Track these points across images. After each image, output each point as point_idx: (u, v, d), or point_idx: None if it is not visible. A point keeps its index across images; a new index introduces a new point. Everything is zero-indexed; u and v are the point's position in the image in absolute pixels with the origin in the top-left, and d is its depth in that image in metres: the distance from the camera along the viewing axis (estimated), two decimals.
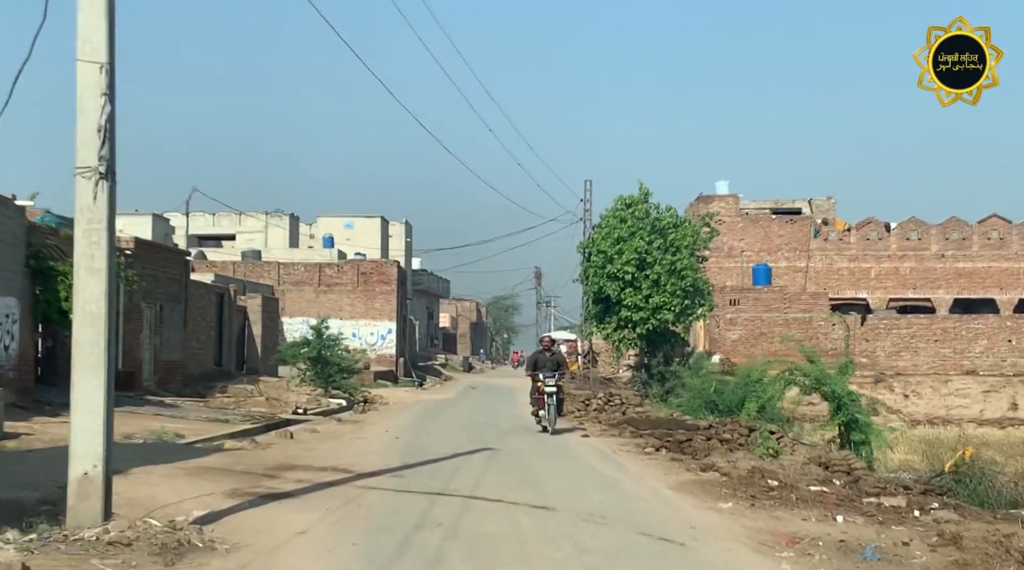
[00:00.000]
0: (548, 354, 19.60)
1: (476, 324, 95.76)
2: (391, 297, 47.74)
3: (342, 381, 30.86)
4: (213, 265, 47.50)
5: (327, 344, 30.35)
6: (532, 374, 19.55)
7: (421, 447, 16.02)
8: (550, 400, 18.79)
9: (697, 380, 26.43)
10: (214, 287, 32.24)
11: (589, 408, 23.20)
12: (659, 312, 32.50)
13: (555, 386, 18.91)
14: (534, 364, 19.78)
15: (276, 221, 65.30)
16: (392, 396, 34.59)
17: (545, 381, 18.74)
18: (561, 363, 20.11)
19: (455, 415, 24.86)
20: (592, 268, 33.72)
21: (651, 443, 16.13)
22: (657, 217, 33.72)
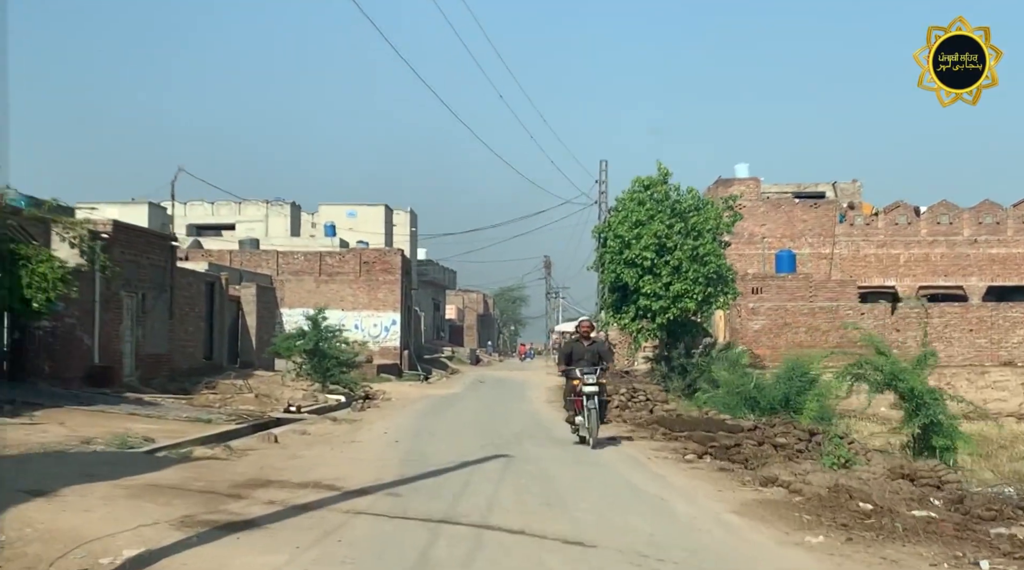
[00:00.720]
0: (586, 343, 15.39)
1: (483, 316, 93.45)
2: (395, 287, 45.46)
3: (341, 375, 28.58)
4: (209, 254, 45.26)
5: (324, 336, 28.07)
6: (565, 370, 15.43)
7: (423, 454, 13.73)
8: (590, 404, 14.65)
9: (732, 374, 24.05)
10: (204, 275, 29.98)
11: (611, 405, 20.84)
12: (680, 300, 30.14)
13: (596, 384, 14.71)
14: (568, 357, 15.47)
15: (277, 210, 63.14)
16: (395, 391, 32.32)
17: (584, 379, 14.71)
18: (604, 355, 15.61)
19: (462, 413, 22.53)
20: (608, 254, 31.37)
21: (691, 448, 13.78)
22: (677, 199, 31.35)
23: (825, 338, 37.06)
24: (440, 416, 21.23)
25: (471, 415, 21.66)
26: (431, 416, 21.21)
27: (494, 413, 22.18)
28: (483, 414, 21.98)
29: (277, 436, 15.71)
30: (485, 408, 24.11)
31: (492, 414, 21.88)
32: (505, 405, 25.02)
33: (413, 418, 20.74)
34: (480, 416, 21.29)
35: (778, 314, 37.29)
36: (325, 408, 24.54)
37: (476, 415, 21.67)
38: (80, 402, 19.87)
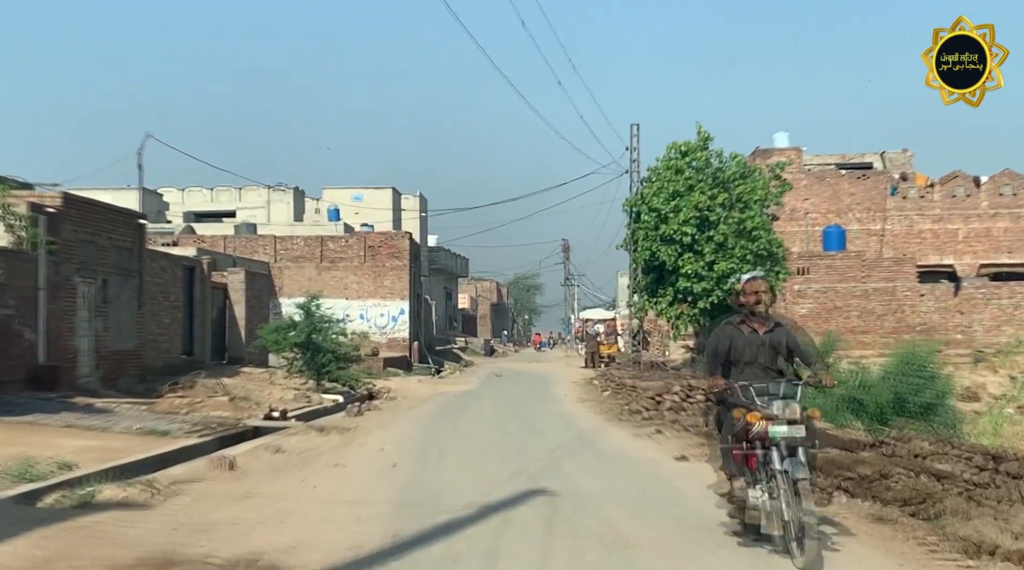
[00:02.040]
0: (760, 328, 7.20)
1: (497, 305, 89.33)
2: (403, 273, 41.39)
3: (338, 372, 24.56)
4: (201, 240, 41.27)
5: (319, 326, 24.02)
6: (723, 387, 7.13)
7: (429, 489, 9.63)
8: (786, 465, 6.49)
9: None
10: (180, 259, 25.93)
11: (661, 407, 16.76)
12: (725, 282, 26.01)
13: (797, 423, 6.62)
14: (723, 357, 7.29)
15: (279, 196, 59.23)
16: (403, 388, 28.27)
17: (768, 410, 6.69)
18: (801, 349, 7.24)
19: (480, 418, 18.40)
20: (642, 230, 27.28)
21: None
22: (720, 167, 27.25)
23: (880, 323, 32.93)
24: (452, 423, 17.12)
25: (491, 421, 17.52)
26: (441, 423, 17.10)
27: (519, 418, 18.06)
28: (506, 419, 17.84)
29: (235, 460, 11.63)
30: (507, 410, 19.96)
31: (517, 419, 17.74)
32: (531, 406, 20.89)
33: (419, 426, 16.65)
34: (502, 423, 17.16)
35: (827, 297, 33.11)
36: (316, 412, 20.51)
37: (497, 421, 17.54)
38: (11, 410, 15.92)
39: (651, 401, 16.89)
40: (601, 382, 26.90)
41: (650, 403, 16.88)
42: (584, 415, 18.12)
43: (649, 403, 16.89)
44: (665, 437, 14.15)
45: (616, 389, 23.07)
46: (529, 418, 17.79)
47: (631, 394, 19.80)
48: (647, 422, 16.17)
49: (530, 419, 17.56)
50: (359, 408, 19.39)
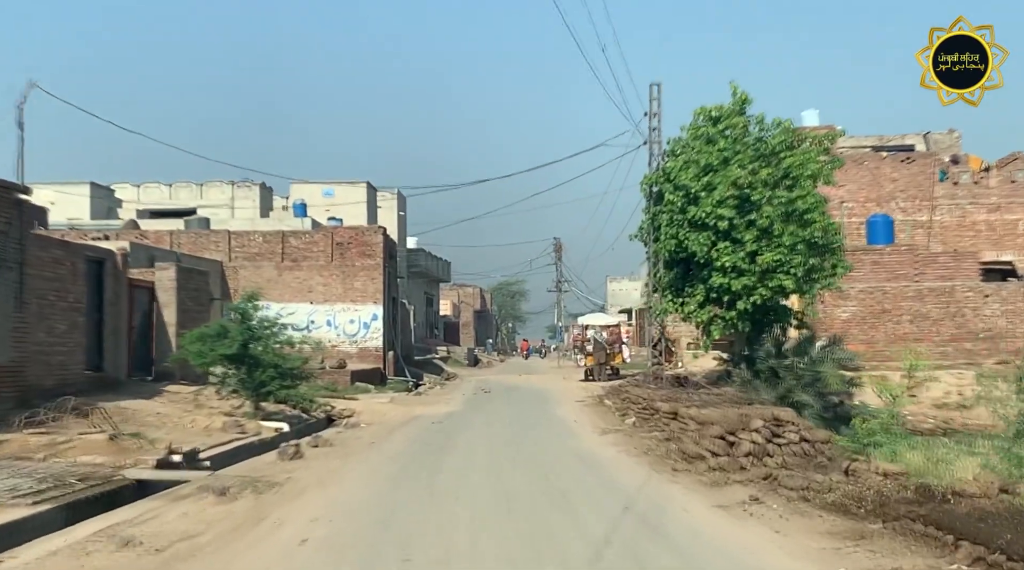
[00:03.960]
0: None
1: (480, 312, 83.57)
2: (376, 274, 35.72)
3: (283, 391, 18.90)
4: (143, 235, 35.49)
5: (257, 333, 18.35)
6: None
7: None
8: None
9: None
10: (82, 248, 20.16)
11: (735, 451, 11.14)
12: (771, 277, 20.50)
13: None
14: None
15: (244, 192, 53.52)
16: (370, 409, 22.60)
17: None
18: None
19: (468, 462, 12.66)
20: (665, 213, 21.70)
21: None
22: (760, 137, 21.72)
23: (936, 329, 27.48)
24: (427, 477, 11.37)
25: (484, 471, 11.77)
26: (411, 477, 11.36)
27: (525, 463, 12.33)
28: (506, 467, 12.08)
29: None
30: (505, 449, 14.20)
31: (523, 467, 12.00)
32: (536, 440, 15.16)
33: (377, 483, 10.94)
34: (502, 475, 11.41)
35: (874, 298, 27.65)
36: (243, 450, 14.84)
37: (493, 471, 11.77)
38: None
39: (718, 443, 11.25)
40: (616, 402, 21.31)
41: (716, 444, 11.25)
42: (618, 460, 12.45)
43: (715, 444, 11.26)
44: (773, 511, 8.53)
45: (643, 414, 17.49)
46: (539, 465, 12.09)
47: (674, 425, 14.19)
48: (718, 474, 10.56)
49: (541, 467, 11.86)
50: (297, 448, 13.62)
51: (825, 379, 21.08)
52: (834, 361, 21.16)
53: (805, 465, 10.56)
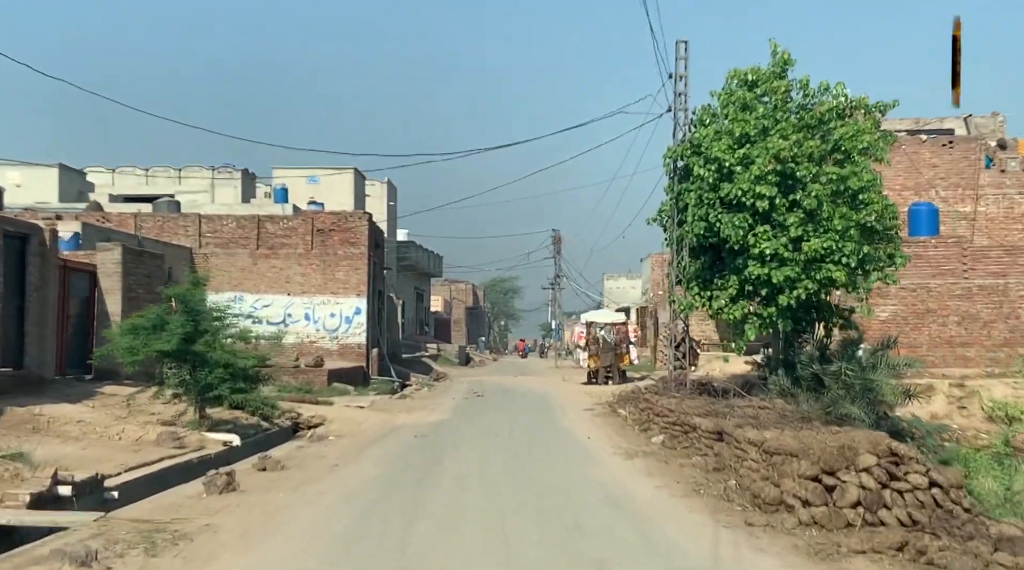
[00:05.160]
0: None
1: (473, 309, 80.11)
2: (359, 264, 32.28)
3: (237, 395, 15.48)
4: (105, 218, 32.01)
5: (204, 326, 14.89)
6: None
7: None
8: None
9: None
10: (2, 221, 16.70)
11: (839, 501, 7.74)
12: (818, 267, 17.12)
13: None
14: None
15: (225, 178, 49.93)
16: (344, 417, 19.18)
17: None
18: None
19: (459, 503, 9.15)
20: (692, 191, 18.29)
21: None
22: (803, 104, 18.36)
23: (987, 332, 24.19)
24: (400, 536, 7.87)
25: (481, 526, 8.23)
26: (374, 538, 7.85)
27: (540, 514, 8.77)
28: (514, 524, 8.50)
29: None
30: (509, 483, 10.64)
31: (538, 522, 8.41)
32: (549, 470, 11.63)
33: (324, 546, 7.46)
34: (512, 539, 7.82)
35: (917, 297, 24.32)
36: (173, 471, 11.43)
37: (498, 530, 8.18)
38: None
39: (810, 486, 7.87)
40: (633, 412, 17.95)
41: (807, 488, 7.87)
42: (663, 503, 9.03)
43: (805, 488, 7.88)
44: None
45: (673, 431, 14.12)
46: (557, 511, 8.65)
47: (723, 450, 10.81)
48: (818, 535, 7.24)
49: (560, 516, 8.41)
50: (230, 478, 10.13)
51: (878, 389, 17.75)
52: (889, 368, 17.79)
53: (943, 525, 7.18)
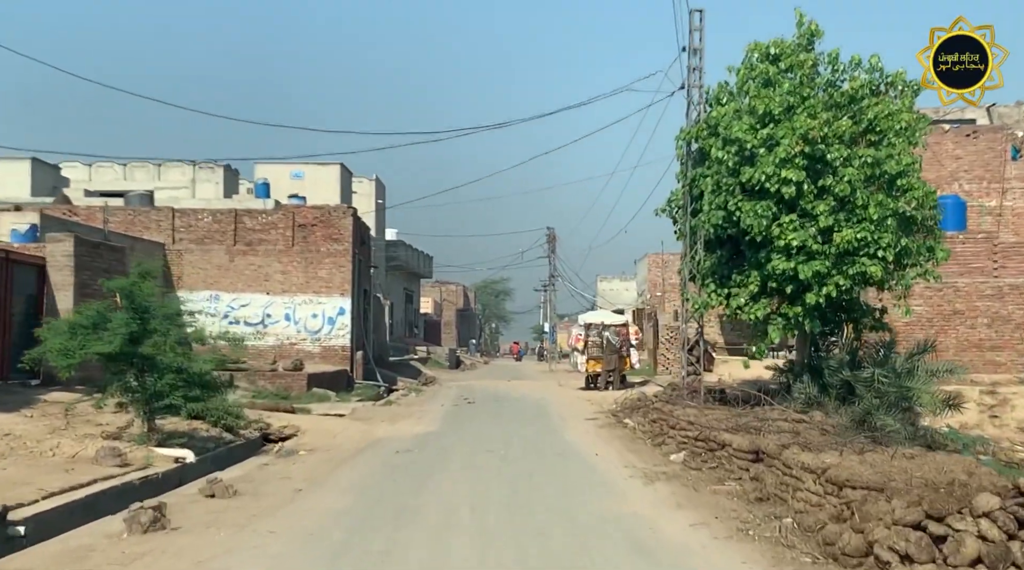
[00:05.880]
0: None
1: (463, 311, 78.03)
2: (344, 261, 30.26)
3: (193, 404, 13.40)
4: (72, 212, 29.91)
5: (152, 325, 12.78)
6: None
7: None
8: None
9: None
10: None
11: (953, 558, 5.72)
12: (851, 261, 15.12)
13: None
14: None
15: (207, 174, 47.76)
16: (319, 428, 17.09)
17: None
18: None
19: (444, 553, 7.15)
20: (709, 176, 16.28)
21: None
22: (832, 81, 16.37)
23: (1020, 334, 22.27)
24: None
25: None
26: None
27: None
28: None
29: None
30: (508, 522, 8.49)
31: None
32: (555, 501, 9.49)
33: None
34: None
35: (943, 297, 22.39)
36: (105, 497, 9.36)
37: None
38: None
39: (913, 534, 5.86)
40: (642, 424, 15.93)
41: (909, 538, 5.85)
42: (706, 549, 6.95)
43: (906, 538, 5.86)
44: None
45: (695, 447, 12.11)
46: (572, 564, 6.60)
47: (764, 473, 8.80)
48: None
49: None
50: (157, 513, 8.03)
51: (916, 397, 15.78)
52: (928, 374, 15.81)
53: None
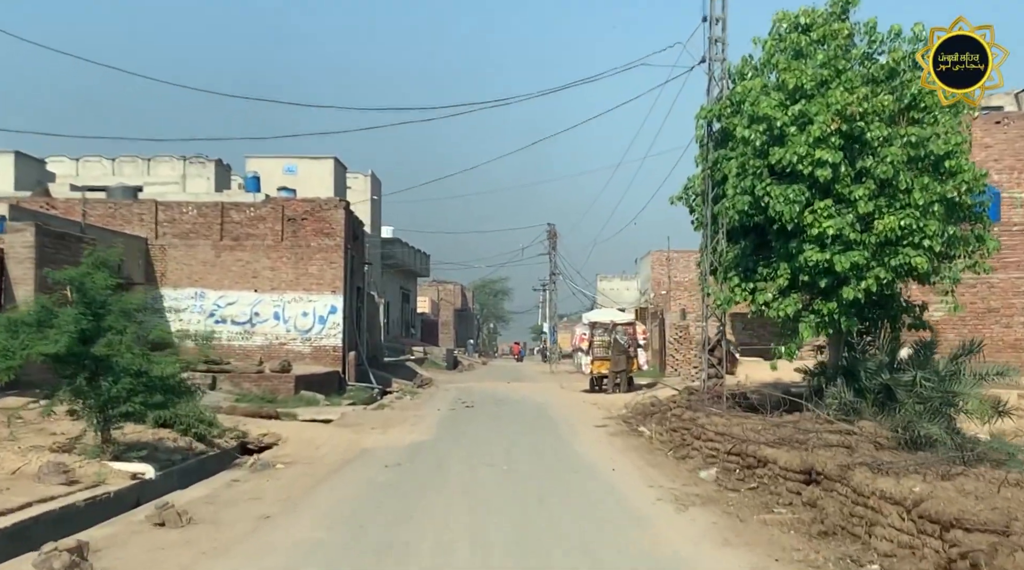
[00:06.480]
0: None
1: (461, 311, 76.35)
2: (335, 257, 28.62)
3: (156, 411, 11.79)
4: (50, 205, 28.30)
5: (109, 322, 11.12)
6: None
7: None
8: None
9: None
10: None
11: None
12: (894, 252, 13.48)
13: None
14: None
15: (198, 169, 46.00)
16: (302, 437, 15.41)
17: None
18: None
19: None
20: (735, 158, 14.61)
21: None
22: (870, 53, 14.72)
23: None
24: None
25: None
26: None
27: None
28: None
29: None
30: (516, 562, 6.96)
31: None
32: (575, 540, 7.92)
33: None
34: None
35: (976, 293, 20.79)
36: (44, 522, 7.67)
37: None
38: None
39: None
40: (660, 432, 14.26)
41: None
42: None
43: None
44: None
45: (727, 462, 10.47)
46: None
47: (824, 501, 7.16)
48: None
49: None
50: (75, 553, 6.37)
51: (962, 403, 14.15)
52: (976, 377, 14.18)
53: None
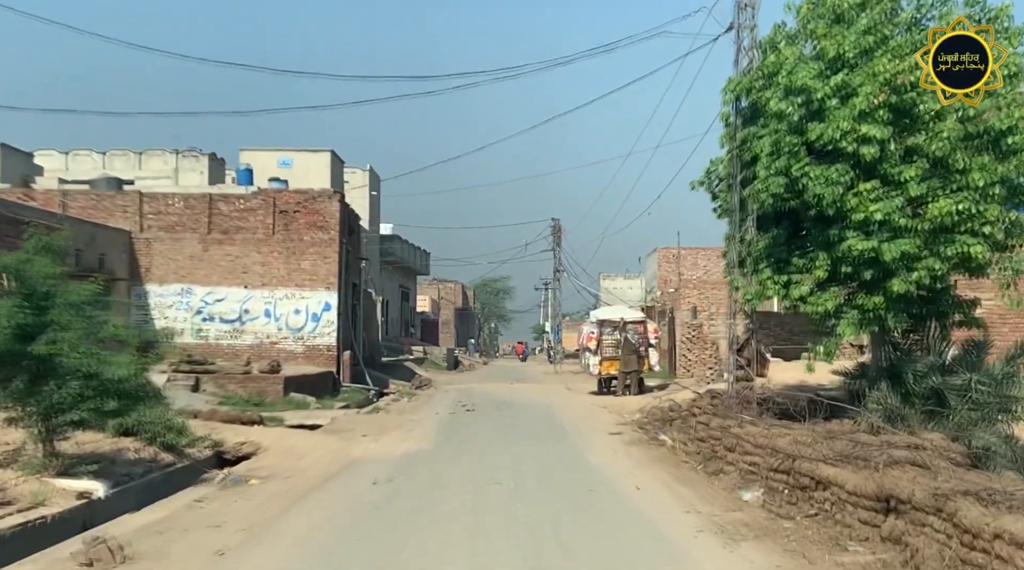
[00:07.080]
0: None
1: (462, 310, 74.74)
2: (329, 252, 27.04)
3: (113, 419, 10.18)
4: (30, 196, 26.69)
5: (53, 316, 9.53)
6: None
7: None
8: None
9: None
10: None
11: None
12: (948, 240, 11.85)
13: None
14: None
15: (191, 163, 44.36)
16: (284, 446, 13.81)
17: None
18: None
19: None
20: (767, 136, 12.99)
21: None
22: (918, 18, 13.08)
23: None
24: None
25: None
26: None
27: None
28: None
29: None
30: None
31: None
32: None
33: None
34: None
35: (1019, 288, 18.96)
36: None
37: None
38: None
39: None
40: (683, 441, 12.66)
41: None
42: None
43: None
44: None
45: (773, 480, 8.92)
46: None
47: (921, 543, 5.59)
48: None
49: None
50: None
51: (1021, 410, 12.61)
52: None
53: None
